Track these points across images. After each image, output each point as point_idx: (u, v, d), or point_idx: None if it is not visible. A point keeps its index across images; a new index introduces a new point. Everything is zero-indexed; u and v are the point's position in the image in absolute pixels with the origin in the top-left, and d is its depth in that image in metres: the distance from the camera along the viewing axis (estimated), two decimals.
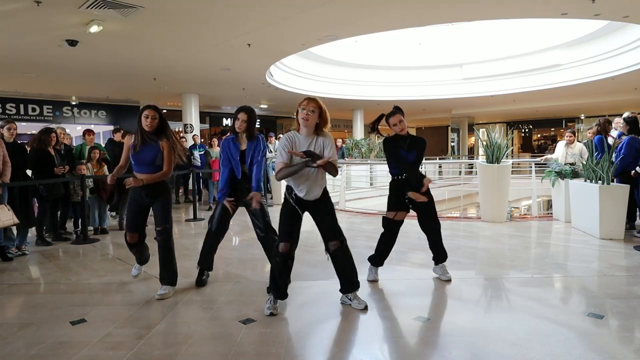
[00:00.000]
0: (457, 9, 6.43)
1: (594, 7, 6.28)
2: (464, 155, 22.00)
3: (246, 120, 3.53)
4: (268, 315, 2.97)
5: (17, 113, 12.81)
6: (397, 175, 3.62)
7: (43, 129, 5.62)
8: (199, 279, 3.72)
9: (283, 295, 3.07)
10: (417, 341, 2.64)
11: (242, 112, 3.54)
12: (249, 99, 14.45)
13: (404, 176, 3.56)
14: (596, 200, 5.12)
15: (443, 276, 3.73)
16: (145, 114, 3.38)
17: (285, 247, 2.98)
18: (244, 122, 3.53)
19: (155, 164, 3.44)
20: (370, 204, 9.21)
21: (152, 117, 3.39)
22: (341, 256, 3.10)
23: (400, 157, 3.55)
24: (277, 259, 3.01)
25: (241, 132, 3.56)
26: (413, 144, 3.60)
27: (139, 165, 3.46)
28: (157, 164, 3.45)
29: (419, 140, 3.65)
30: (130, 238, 3.67)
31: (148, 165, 3.44)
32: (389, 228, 3.70)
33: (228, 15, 6.27)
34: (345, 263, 3.12)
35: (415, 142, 3.63)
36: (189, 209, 7.99)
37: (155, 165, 3.45)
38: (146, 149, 3.43)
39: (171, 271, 3.54)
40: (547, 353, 2.39)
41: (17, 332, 2.81)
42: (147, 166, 3.44)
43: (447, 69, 14.85)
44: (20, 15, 5.88)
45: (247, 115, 3.53)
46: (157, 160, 3.44)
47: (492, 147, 6.46)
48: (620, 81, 11.99)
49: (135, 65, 9.17)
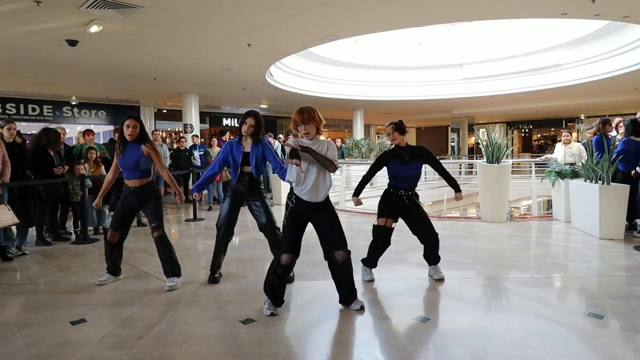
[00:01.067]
0: (457, 9, 6.43)
1: (594, 7, 6.28)
2: (464, 155, 22.00)
3: (254, 125, 3.60)
4: (268, 316, 2.97)
5: (17, 113, 12.80)
6: (393, 189, 3.66)
7: (45, 129, 5.61)
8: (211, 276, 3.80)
9: (280, 303, 3.05)
10: (417, 341, 2.64)
11: (250, 117, 3.61)
12: (249, 99, 14.46)
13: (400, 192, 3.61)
14: (596, 200, 5.12)
15: (436, 275, 3.75)
16: (127, 123, 3.58)
17: (288, 259, 2.95)
18: (251, 127, 3.60)
19: (140, 167, 3.62)
20: (370, 204, 9.13)
21: (133, 127, 3.59)
22: (346, 269, 3.03)
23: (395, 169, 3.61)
24: (278, 272, 2.96)
25: (247, 136, 3.62)
26: (413, 155, 3.63)
27: (126, 170, 3.64)
28: (142, 167, 3.63)
29: (418, 150, 3.67)
30: (110, 236, 3.75)
31: (132, 169, 3.61)
32: (381, 235, 3.71)
33: (228, 15, 6.27)
34: (348, 275, 3.06)
35: (415, 152, 3.65)
36: (189, 209, 7.99)
37: (140, 169, 3.62)
38: (128, 154, 3.60)
39: (174, 263, 3.72)
40: (547, 353, 2.39)
41: (17, 332, 2.81)
42: (132, 170, 3.62)
43: (447, 69, 14.84)
44: (20, 15, 5.88)
45: (254, 120, 3.61)
46: (142, 164, 3.61)
47: (492, 147, 6.46)
48: (620, 81, 11.99)
49: (135, 65, 9.16)
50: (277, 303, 3.04)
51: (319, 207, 2.96)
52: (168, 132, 16.89)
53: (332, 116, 19.76)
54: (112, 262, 3.84)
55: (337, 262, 3.00)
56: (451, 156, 21.15)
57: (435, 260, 3.81)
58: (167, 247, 3.72)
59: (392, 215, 3.67)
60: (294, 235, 2.97)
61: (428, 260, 3.83)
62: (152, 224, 3.69)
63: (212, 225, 6.96)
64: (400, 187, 3.63)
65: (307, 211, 2.96)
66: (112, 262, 3.84)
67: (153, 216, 3.68)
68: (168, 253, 3.71)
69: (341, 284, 3.09)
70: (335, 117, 20.36)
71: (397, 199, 3.64)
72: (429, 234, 3.72)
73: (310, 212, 2.97)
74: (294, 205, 2.96)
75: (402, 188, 3.62)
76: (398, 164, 3.61)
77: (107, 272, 3.86)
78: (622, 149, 5.40)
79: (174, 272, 3.69)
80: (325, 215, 2.98)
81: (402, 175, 3.61)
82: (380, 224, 3.69)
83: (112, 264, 3.85)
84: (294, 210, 2.96)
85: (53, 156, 5.53)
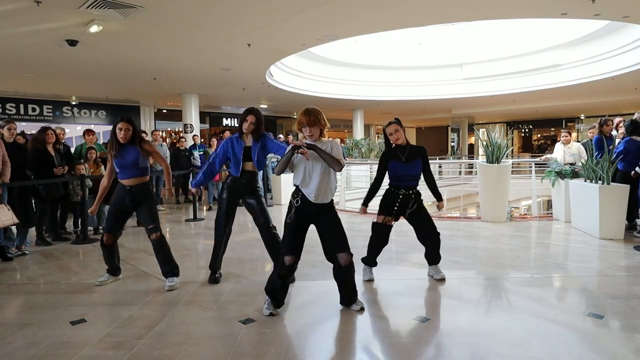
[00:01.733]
0: (457, 9, 6.43)
1: (594, 7, 6.28)
2: (464, 155, 22.00)
3: (254, 122, 3.62)
4: (268, 316, 2.97)
5: (17, 113, 12.81)
6: (394, 188, 3.66)
7: (40, 128, 5.62)
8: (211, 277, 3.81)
9: (280, 304, 3.05)
10: (417, 341, 2.64)
11: (250, 115, 3.63)
12: (249, 99, 14.46)
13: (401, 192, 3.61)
14: (596, 200, 5.12)
15: (437, 275, 3.75)
16: (119, 126, 3.60)
17: (291, 260, 2.93)
18: (252, 125, 3.62)
19: (139, 165, 3.65)
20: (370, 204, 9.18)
21: (126, 129, 3.61)
22: (349, 271, 3.02)
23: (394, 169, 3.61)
24: (280, 273, 2.95)
25: (248, 133, 3.64)
26: (412, 154, 3.62)
27: (123, 169, 3.65)
28: (140, 165, 3.66)
29: (417, 150, 3.66)
30: (106, 239, 3.76)
31: (131, 168, 3.64)
32: (379, 232, 3.71)
33: (228, 15, 6.27)
34: (350, 277, 3.05)
35: (414, 151, 3.64)
36: (189, 209, 7.98)
37: (138, 167, 3.65)
38: (126, 153, 3.63)
39: (172, 264, 3.72)
40: (547, 353, 2.39)
41: (17, 332, 2.81)
42: (130, 169, 3.64)
43: (447, 69, 14.85)
44: (20, 15, 5.88)
45: (255, 117, 3.62)
46: (141, 162, 3.65)
47: (492, 147, 6.46)
48: (620, 81, 12.00)
49: (135, 65, 9.17)
50: (277, 304, 3.04)
51: (324, 209, 2.94)
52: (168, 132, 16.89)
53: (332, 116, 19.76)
54: (112, 264, 3.85)
55: (340, 264, 2.98)
56: (451, 156, 21.17)
57: (436, 260, 3.80)
58: (164, 248, 3.72)
59: (391, 213, 3.67)
60: (297, 236, 2.95)
61: (429, 260, 3.83)
62: (148, 226, 3.68)
63: (212, 225, 6.96)
64: (401, 186, 3.62)
65: (312, 213, 2.93)
66: (112, 264, 3.85)
67: (148, 218, 3.68)
68: (165, 254, 3.71)
69: (343, 286, 3.08)
70: (335, 117, 20.37)
71: (397, 198, 3.63)
72: (431, 234, 3.71)
73: (315, 214, 2.94)
74: (298, 205, 2.92)
75: (403, 187, 3.62)
76: (397, 163, 3.61)
77: (107, 272, 3.86)
78: (623, 149, 5.40)
79: (172, 272, 3.70)
80: (328, 218, 2.97)
81: (401, 174, 3.60)
82: (379, 221, 3.70)
83: (112, 265, 3.86)
84: (298, 211, 2.93)
85: (54, 156, 5.53)
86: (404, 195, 3.62)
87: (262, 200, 3.78)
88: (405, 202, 3.63)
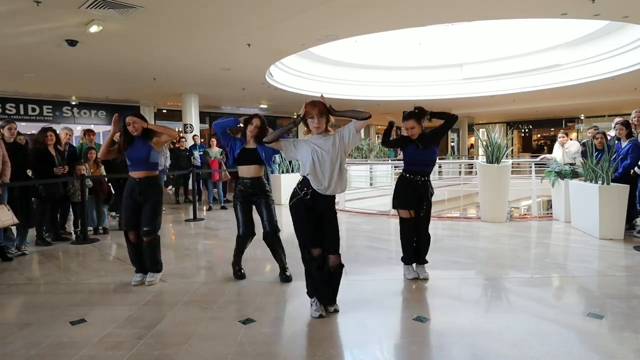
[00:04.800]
0: (457, 9, 6.43)
1: (594, 7, 6.28)
2: (464, 156, 21.99)
3: (259, 126, 3.68)
4: (317, 317, 2.91)
5: (17, 113, 12.79)
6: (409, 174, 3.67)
7: (41, 129, 5.62)
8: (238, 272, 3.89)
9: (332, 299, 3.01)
10: (417, 341, 2.64)
11: (256, 119, 3.70)
12: (249, 99, 14.45)
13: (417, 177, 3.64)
14: (596, 200, 5.12)
15: (422, 274, 3.75)
16: (128, 121, 3.65)
17: (318, 252, 2.91)
18: (257, 128, 3.68)
19: (149, 161, 3.70)
20: (370, 204, 9.20)
21: (134, 122, 3.66)
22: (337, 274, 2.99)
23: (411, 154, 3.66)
24: (315, 265, 2.91)
25: (252, 137, 3.70)
26: (429, 141, 3.66)
27: (134, 163, 3.70)
28: (152, 160, 3.72)
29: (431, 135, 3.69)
30: (132, 237, 3.76)
31: (142, 163, 3.69)
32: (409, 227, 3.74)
33: (228, 15, 6.27)
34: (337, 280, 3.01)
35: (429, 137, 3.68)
36: (189, 209, 7.98)
37: (149, 162, 3.70)
38: (137, 147, 3.67)
39: (156, 262, 3.81)
40: (547, 353, 2.39)
41: (17, 332, 2.81)
42: (141, 164, 3.69)
43: (447, 69, 14.84)
44: (20, 15, 5.87)
45: (260, 121, 3.69)
46: (152, 157, 3.70)
47: (492, 147, 6.46)
48: (620, 81, 11.99)
49: (135, 65, 9.16)
50: (327, 300, 2.99)
51: (330, 202, 2.94)
52: None
53: None
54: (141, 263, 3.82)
55: (329, 265, 2.95)
56: (451, 156, 21.15)
57: (424, 260, 3.83)
58: (154, 249, 3.76)
59: (412, 206, 3.71)
60: (314, 230, 2.91)
61: (417, 259, 3.84)
62: (144, 227, 3.67)
63: (212, 225, 6.99)
64: (417, 171, 3.67)
65: (319, 207, 2.90)
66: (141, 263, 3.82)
67: (148, 218, 3.67)
68: (152, 254, 3.75)
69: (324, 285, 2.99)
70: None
71: (413, 184, 3.66)
72: (425, 234, 3.77)
73: (321, 208, 2.91)
74: (308, 198, 2.87)
75: (419, 173, 3.67)
76: (415, 149, 3.65)
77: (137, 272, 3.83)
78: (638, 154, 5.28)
79: (155, 269, 3.79)
80: (330, 217, 2.97)
81: (418, 160, 3.66)
82: (405, 216, 3.73)
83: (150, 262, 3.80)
84: (307, 205, 2.88)
85: (54, 156, 5.53)
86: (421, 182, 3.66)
87: (271, 203, 3.81)
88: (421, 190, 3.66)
